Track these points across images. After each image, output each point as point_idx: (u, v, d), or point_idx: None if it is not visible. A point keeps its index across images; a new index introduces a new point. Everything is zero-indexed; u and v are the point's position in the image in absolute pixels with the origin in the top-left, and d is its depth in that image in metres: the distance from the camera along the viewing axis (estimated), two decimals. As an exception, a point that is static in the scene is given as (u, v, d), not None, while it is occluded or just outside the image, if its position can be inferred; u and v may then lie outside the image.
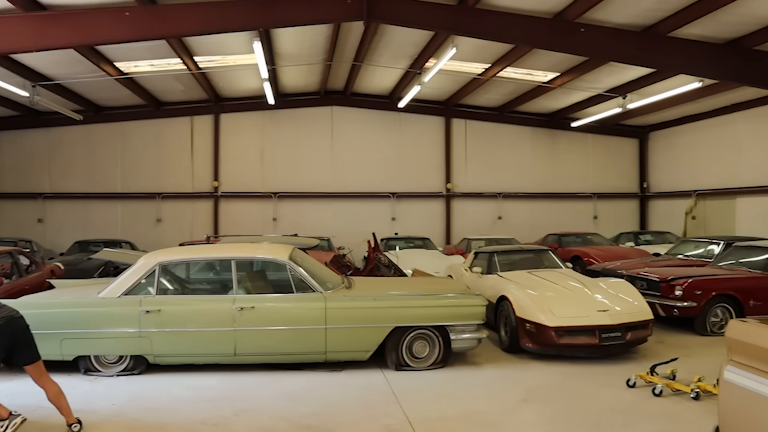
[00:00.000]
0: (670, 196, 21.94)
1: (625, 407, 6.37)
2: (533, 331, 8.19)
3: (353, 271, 11.46)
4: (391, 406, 6.40)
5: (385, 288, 8.24)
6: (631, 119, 21.69)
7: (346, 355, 7.69)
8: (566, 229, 21.80)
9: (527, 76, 17.30)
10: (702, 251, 13.18)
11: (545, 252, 10.89)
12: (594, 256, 15.16)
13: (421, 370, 7.75)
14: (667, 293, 10.07)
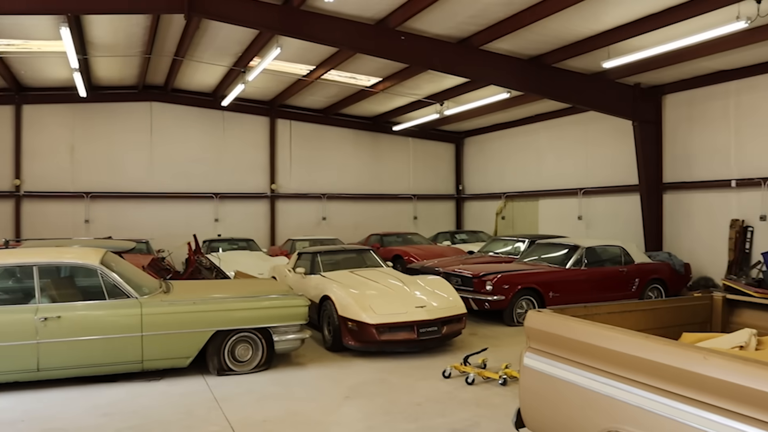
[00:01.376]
0: (482, 198, 23.53)
1: (442, 397, 6.74)
2: (355, 329, 8.39)
3: (173, 274, 11.02)
4: (213, 413, 6.24)
5: (206, 291, 8.01)
6: (449, 125, 22.97)
7: (164, 362, 7.36)
8: (388, 229, 22.59)
9: (351, 79, 17.67)
10: (510, 248, 14.30)
11: (367, 252, 11.19)
12: (414, 254, 15.84)
13: (244, 374, 7.63)
14: (479, 288, 10.78)
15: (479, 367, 7.67)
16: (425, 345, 8.68)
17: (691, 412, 3.03)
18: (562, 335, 3.85)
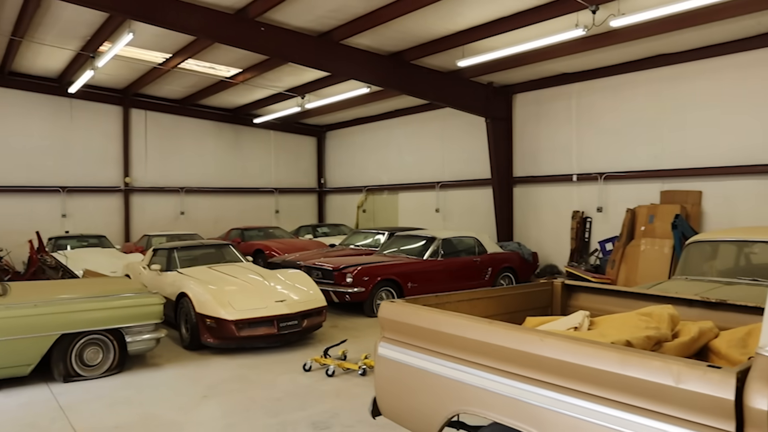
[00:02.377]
0: (344, 191, 23.74)
1: (302, 391, 6.74)
2: (214, 326, 8.18)
3: (12, 275, 10.18)
4: (57, 423, 5.83)
5: (50, 292, 7.46)
6: (310, 118, 22.94)
7: (2, 372, 6.78)
8: (249, 223, 22.20)
9: (210, 69, 17.14)
10: (370, 241, 14.54)
11: (226, 246, 10.95)
12: (275, 249, 15.69)
13: (94, 379, 7.21)
14: (339, 281, 10.89)
15: (339, 359, 7.76)
16: (286, 339, 8.65)
17: (531, 390, 3.23)
18: (413, 324, 3.98)
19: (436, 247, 12.06)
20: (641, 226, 12.48)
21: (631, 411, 2.85)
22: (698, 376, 2.65)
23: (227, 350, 8.52)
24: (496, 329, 3.45)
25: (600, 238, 14.00)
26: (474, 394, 3.52)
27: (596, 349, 3.01)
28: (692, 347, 3.91)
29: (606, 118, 14.10)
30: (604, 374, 2.94)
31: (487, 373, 3.47)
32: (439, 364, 3.76)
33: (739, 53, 11.86)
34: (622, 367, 2.89)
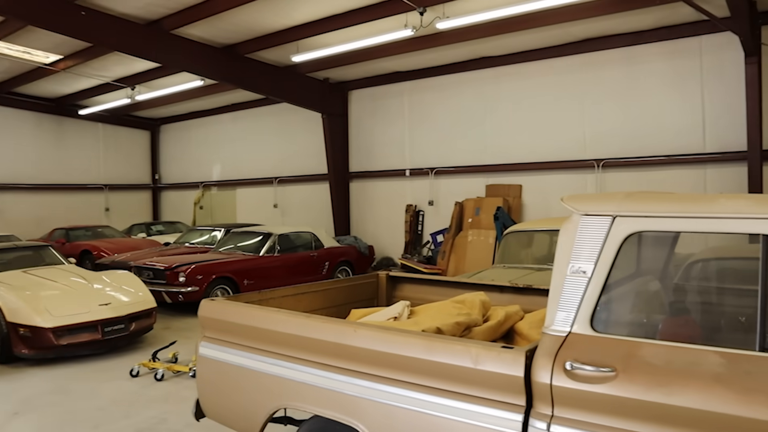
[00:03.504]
0: (180, 187, 22.85)
1: (128, 398, 6.43)
2: (28, 336, 7.55)
3: None
4: None
5: None
6: (143, 111, 21.80)
7: None
8: (77, 222, 20.67)
9: (25, 54, 15.70)
10: (206, 238, 14.15)
11: (45, 248, 10.14)
12: (104, 249, 14.79)
13: None
14: (172, 280, 10.49)
15: (170, 362, 7.49)
16: (113, 345, 8.19)
17: (348, 381, 3.33)
18: (233, 322, 3.95)
19: (273, 242, 11.98)
20: (468, 218, 13.25)
21: (439, 394, 3.03)
22: (493, 357, 2.87)
23: (45, 361, 7.89)
24: (312, 323, 3.51)
25: (432, 230, 14.67)
26: (294, 388, 3.57)
27: (405, 338, 3.16)
28: (499, 330, 4.23)
29: (436, 116, 14.77)
30: (413, 361, 3.10)
31: (305, 367, 3.52)
32: (259, 360, 3.76)
33: (553, 59, 12.92)
34: (428, 353, 3.06)
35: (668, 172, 11.39)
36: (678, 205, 2.69)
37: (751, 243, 2.67)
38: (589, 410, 2.65)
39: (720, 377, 2.42)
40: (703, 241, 5.06)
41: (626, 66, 11.95)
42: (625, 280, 3.00)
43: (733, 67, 10.60)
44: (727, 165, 10.77)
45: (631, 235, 2.74)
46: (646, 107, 11.69)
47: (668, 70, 11.51)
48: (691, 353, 2.54)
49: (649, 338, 2.68)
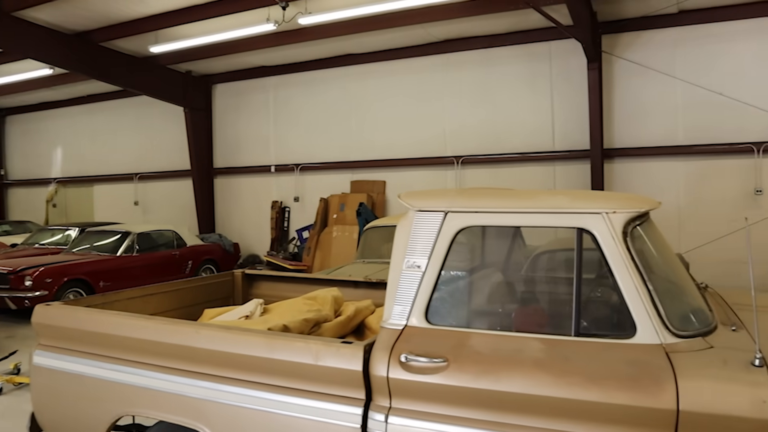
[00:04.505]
0: (30, 184, 21.23)
1: (-42, 414, 5.90)
2: None
3: None
4: None
5: None
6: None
7: None
8: None
9: None
10: (59, 238, 13.26)
11: None
12: (-63, 252, 13.45)
13: None
14: (17, 285, 9.73)
15: (11, 374, 6.94)
16: (-59, 356, 7.48)
17: (191, 384, 3.24)
18: (71, 327, 3.72)
19: (131, 242, 11.43)
20: (333, 214, 13.33)
21: (282, 392, 3.02)
22: (333, 353, 2.91)
23: None
24: (152, 325, 3.39)
25: (298, 226, 14.61)
26: (136, 394, 3.42)
27: (247, 337, 3.13)
28: (349, 325, 4.29)
29: (302, 112, 14.71)
30: (256, 360, 3.07)
31: (147, 372, 3.39)
32: (98, 367, 3.57)
33: (416, 58, 13.24)
34: (269, 351, 3.04)
35: (522, 169, 12.05)
36: (504, 201, 2.84)
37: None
38: (424, 400, 2.75)
39: (540, 362, 2.59)
40: (553, 233, 5.37)
41: (483, 67, 12.49)
42: (461, 273, 3.14)
43: (578, 72, 11.38)
44: (574, 162, 11.55)
45: (462, 230, 2.87)
46: (502, 107, 12.29)
47: (522, 72, 12.15)
48: (516, 341, 2.70)
49: (480, 329, 2.82)
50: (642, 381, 2.42)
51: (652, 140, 11.02)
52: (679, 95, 10.84)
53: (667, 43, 10.96)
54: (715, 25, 10.65)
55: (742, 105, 10.34)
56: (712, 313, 2.94)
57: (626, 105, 11.24)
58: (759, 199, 10.32)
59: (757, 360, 2.40)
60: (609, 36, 11.28)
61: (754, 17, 10.37)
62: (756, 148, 10.26)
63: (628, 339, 2.56)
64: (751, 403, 2.31)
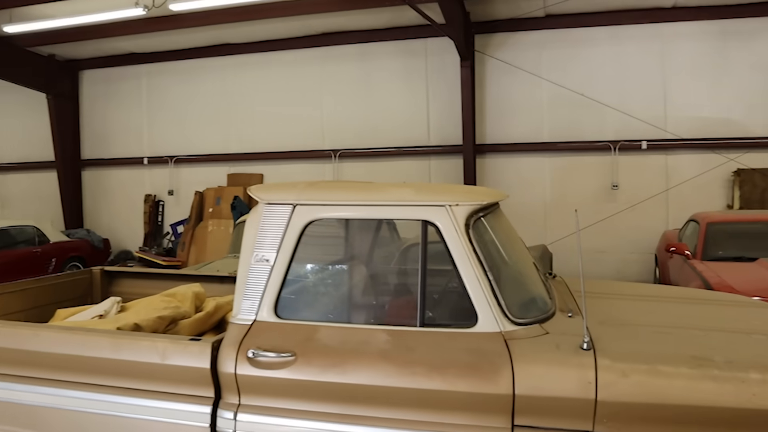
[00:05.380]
0: None
1: None
2: None
3: None
4: None
5: None
6: None
7: None
8: None
9: None
10: None
11: None
12: None
13: None
14: None
15: None
16: None
17: (26, 390, 3.04)
18: None
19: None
20: (209, 207, 12.96)
21: (129, 394, 2.90)
22: (180, 351, 2.81)
23: None
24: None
25: (173, 221, 14.08)
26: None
27: (91, 337, 2.96)
28: (208, 322, 4.16)
29: (177, 102, 14.17)
30: (101, 361, 2.92)
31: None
32: None
33: (295, 50, 13.08)
34: (115, 352, 2.90)
35: (398, 163, 12.24)
36: (352, 193, 2.85)
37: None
38: (273, 395, 2.72)
39: (386, 353, 2.62)
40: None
41: (361, 62, 12.55)
42: (311, 266, 3.13)
43: (452, 69, 11.70)
44: (448, 157, 11.88)
45: (311, 223, 2.86)
46: (379, 102, 12.41)
47: (399, 68, 12.32)
48: (363, 333, 2.72)
49: (329, 322, 2.82)
50: (481, 368, 2.51)
51: (521, 137, 11.53)
52: (545, 95, 11.41)
53: (534, 44, 11.49)
54: (578, 31, 11.28)
55: (600, 106, 11.04)
56: (553, 300, 3.10)
57: (497, 102, 11.69)
58: (615, 194, 11.08)
59: (585, 344, 2.55)
60: (481, 36, 11.67)
61: (612, 25, 11.08)
62: (613, 146, 10.99)
63: (470, 328, 2.64)
64: (579, 384, 2.46)
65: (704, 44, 10.82)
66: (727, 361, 2.55)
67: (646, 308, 3.44)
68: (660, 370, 2.49)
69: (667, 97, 10.95)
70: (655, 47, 10.99)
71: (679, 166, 10.92)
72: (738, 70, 10.71)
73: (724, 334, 3.01)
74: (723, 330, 3.09)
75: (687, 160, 10.88)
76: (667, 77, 10.96)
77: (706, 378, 2.46)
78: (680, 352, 2.64)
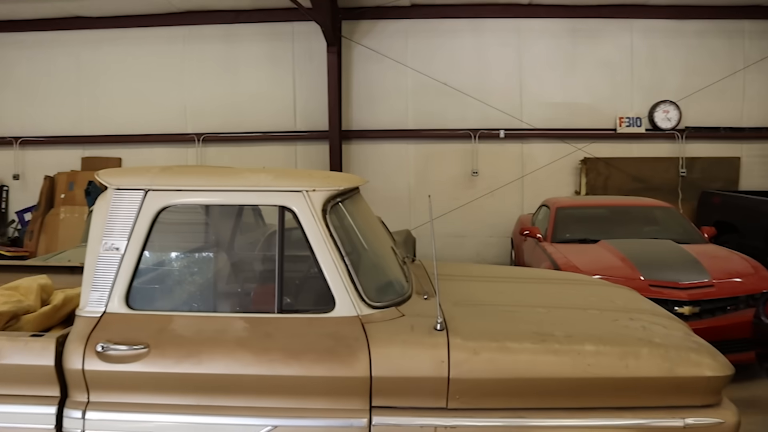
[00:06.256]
0: None
1: None
2: None
3: None
4: None
5: None
6: None
7: None
8: None
9: None
10: None
11: None
12: None
13: None
14: None
15: None
16: None
17: None
18: None
19: None
20: (61, 194, 12.09)
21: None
22: (20, 348, 2.63)
23: None
24: None
25: (18, 208, 13.00)
26: None
27: None
28: (56, 316, 3.90)
29: (23, 78, 13.03)
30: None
31: None
32: None
33: (155, 27, 12.42)
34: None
35: (265, 148, 12.03)
36: (208, 179, 2.78)
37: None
38: (126, 390, 2.61)
39: (243, 341, 2.59)
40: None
41: (227, 43, 12.16)
42: (166, 254, 3.02)
43: (319, 54, 11.63)
44: (314, 143, 11.83)
45: (165, 209, 2.75)
46: (246, 85, 12.10)
47: (265, 51, 12.07)
48: (220, 321, 2.67)
49: (185, 311, 2.75)
50: (339, 352, 2.55)
51: (387, 123, 11.72)
52: (411, 83, 11.65)
53: (401, 33, 11.68)
54: (442, 21, 11.60)
55: (462, 95, 11.44)
56: (410, 283, 3.20)
57: (364, 89, 11.78)
58: (475, 180, 11.57)
59: (438, 324, 2.66)
60: (349, 22, 11.69)
61: (473, 18, 11.50)
62: (473, 134, 11.45)
63: (328, 313, 2.67)
64: (432, 364, 2.56)
65: (557, 40, 11.51)
66: (566, 336, 2.75)
67: (498, 289, 3.64)
68: (507, 347, 2.65)
69: (523, 88, 11.55)
70: (513, 41, 11.54)
71: (533, 154, 11.59)
72: (585, 66, 11.50)
73: (566, 310, 3.25)
74: (565, 307, 3.33)
75: (540, 149, 11.56)
76: (523, 70, 11.56)
77: (548, 352, 2.65)
78: (526, 329, 2.81)
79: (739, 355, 5.19)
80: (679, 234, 7.37)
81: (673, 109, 11.26)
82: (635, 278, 5.79)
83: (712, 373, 2.71)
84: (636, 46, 11.52)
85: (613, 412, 2.66)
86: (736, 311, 5.73)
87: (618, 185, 11.19)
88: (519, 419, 2.60)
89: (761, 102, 11.58)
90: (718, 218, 9.84)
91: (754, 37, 11.45)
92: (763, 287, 5.61)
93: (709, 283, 5.78)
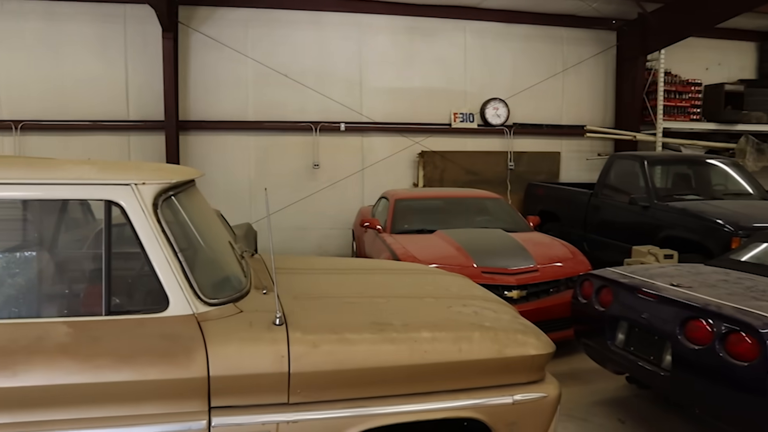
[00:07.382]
0: None
1: None
2: None
3: None
4: None
5: None
6: None
7: None
8: None
9: None
10: None
11: None
12: None
13: None
14: None
15: None
16: None
17: None
18: None
19: None
20: None
21: None
22: None
23: None
24: None
25: None
26: None
27: None
28: None
29: None
30: None
31: None
32: None
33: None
34: None
35: (94, 138, 11.19)
36: (23, 171, 2.54)
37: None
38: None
39: (66, 348, 2.39)
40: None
41: (48, 21, 11.12)
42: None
43: (154, 40, 11.00)
44: (149, 133, 11.20)
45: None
46: (72, 69, 11.15)
47: (94, 33, 11.20)
48: (38, 327, 2.45)
49: None
50: (173, 353, 2.43)
51: (226, 114, 11.37)
52: (251, 73, 11.40)
53: (240, 22, 11.37)
54: (282, 12, 11.44)
55: (303, 87, 11.39)
56: (248, 278, 3.13)
57: (202, 78, 11.35)
58: (317, 172, 11.59)
59: (277, 319, 2.63)
60: (186, 7, 11.18)
61: (313, 10, 11.46)
62: (314, 127, 11.45)
63: (161, 312, 2.54)
64: (273, 359, 2.52)
65: (396, 36, 11.80)
66: (404, 324, 2.83)
67: (337, 281, 3.67)
68: (346, 338, 2.67)
69: (364, 83, 11.74)
70: (354, 35, 11.66)
71: (373, 147, 11.82)
72: (423, 62, 11.91)
73: (403, 299, 3.35)
74: (402, 296, 3.43)
75: (380, 142, 11.82)
76: (363, 65, 11.73)
77: (386, 341, 2.71)
78: (365, 319, 2.86)
79: (561, 333, 5.68)
80: (508, 223, 7.88)
81: (502, 107, 12.01)
82: (469, 266, 6.11)
83: (536, 352, 2.92)
84: (469, 46, 12.12)
85: (449, 395, 2.78)
86: (557, 293, 6.24)
87: (453, 177, 11.74)
88: (360, 409, 2.64)
89: (577, 103, 12.70)
90: (542, 208, 10.66)
91: (571, 43, 12.50)
92: (580, 270, 6.13)
93: (534, 269, 6.24)
